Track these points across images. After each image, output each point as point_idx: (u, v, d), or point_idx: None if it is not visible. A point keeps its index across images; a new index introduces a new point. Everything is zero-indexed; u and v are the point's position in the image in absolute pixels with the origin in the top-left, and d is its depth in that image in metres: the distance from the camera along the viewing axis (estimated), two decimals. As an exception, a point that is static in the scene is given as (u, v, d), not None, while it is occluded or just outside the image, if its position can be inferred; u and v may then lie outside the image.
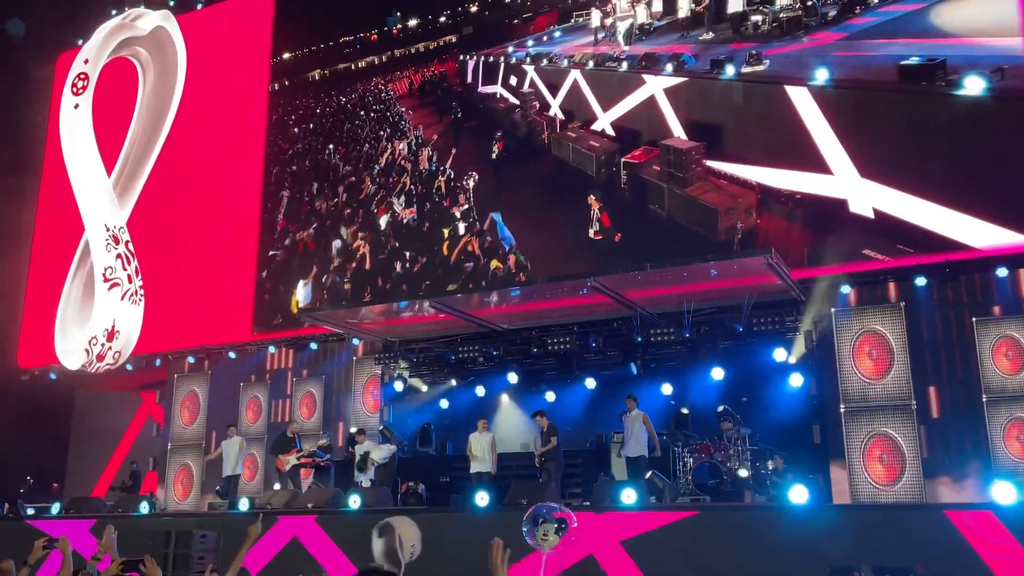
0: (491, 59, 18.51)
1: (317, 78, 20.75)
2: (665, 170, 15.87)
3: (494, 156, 17.90)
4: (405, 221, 18.36)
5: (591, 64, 17.13)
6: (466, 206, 17.82)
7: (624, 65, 16.82)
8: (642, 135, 16.35)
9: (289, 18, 20.96)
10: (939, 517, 8.94)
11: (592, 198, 16.17)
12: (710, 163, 15.39)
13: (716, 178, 15.32)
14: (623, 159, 16.34)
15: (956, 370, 12.80)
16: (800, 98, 14.70)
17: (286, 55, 20.94)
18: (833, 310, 13.77)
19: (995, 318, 12.69)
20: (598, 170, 16.57)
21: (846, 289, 13.70)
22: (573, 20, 17.75)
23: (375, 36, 20.19)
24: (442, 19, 19.38)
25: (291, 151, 20.29)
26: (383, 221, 18.61)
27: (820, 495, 12.33)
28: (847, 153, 13.99)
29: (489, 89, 18.28)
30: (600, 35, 17.28)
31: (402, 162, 19.05)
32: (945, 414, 12.74)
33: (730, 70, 15.52)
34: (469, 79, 18.69)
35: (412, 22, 19.79)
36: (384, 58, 20.03)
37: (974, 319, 12.80)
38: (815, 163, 14.27)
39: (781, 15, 15.80)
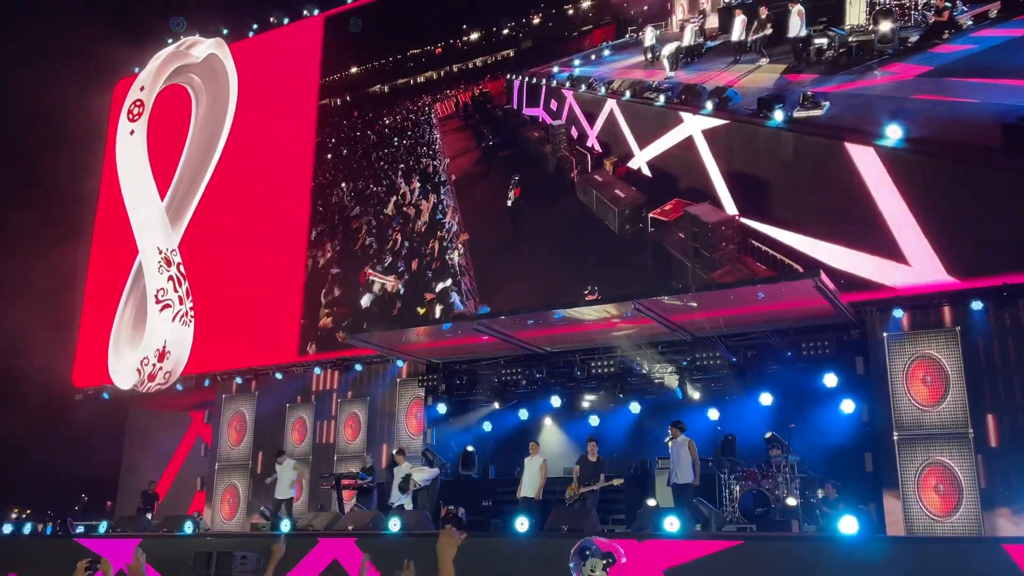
0: (534, 80, 17.73)
1: (378, 92, 20.42)
2: (690, 243, 14.14)
3: (509, 203, 16.74)
4: (388, 287, 17.70)
5: (628, 94, 15.77)
6: (449, 282, 16.72)
7: (661, 98, 15.39)
8: (679, 181, 14.71)
9: (361, 34, 20.91)
10: (996, 551, 8.57)
11: (588, 295, 14.56)
12: (752, 223, 13.36)
13: (753, 259, 13.49)
14: (650, 214, 14.62)
15: (1015, 397, 12.32)
16: (865, 160, 12.51)
17: (354, 69, 20.90)
18: (886, 335, 13.37)
19: (1056, 344, 12.21)
20: (621, 226, 15.04)
21: (899, 313, 13.31)
22: (628, 35, 16.61)
23: (440, 49, 19.75)
24: (505, 32, 18.61)
25: (313, 183, 20.34)
26: (365, 300, 18.09)
27: (872, 526, 11.94)
28: (928, 240, 12.02)
29: (533, 111, 17.73)
30: (651, 55, 16.17)
31: (407, 208, 18.30)
32: (1004, 443, 12.25)
33: (779, 115, 13.37)
34: (515, 101, 18.10)
35: (474, 35, 19.11)
36: (442, 72, 19.54)
37: (1034, 344, 12.33)
38: (885, 247, 12.41)
39: (850, 39, 13.37)
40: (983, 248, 12.01)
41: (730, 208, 14.49)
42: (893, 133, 12.34)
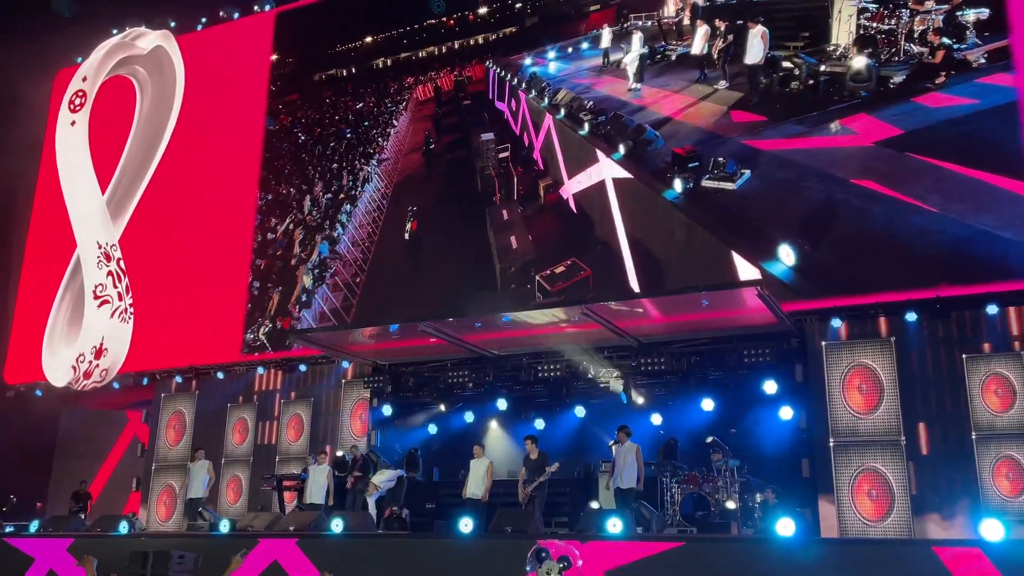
0: (502, 72, 16.17)
1: (381, 66, 18.76)
2: None
3: (407, 236, 15.38)
4: None
5: (563, 112, 14.26)
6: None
7: (586, 127, 13.79)
8: (594, 229, 13.23)
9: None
10: (927, 553, 8.85)
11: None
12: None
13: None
14: (539, 276, 13.24)
15: (946, 407, 12.73)
16: (748, 276, 11.62)
17: (368, 38, 19.50)
18: (823, 343, 13.71)
19: (985, 355, 12.65)
20: (504, 285, 13.56)
21: (836, 323, 13.66)
22: (619, 24, 14.98)
23: (451, 22, 17.69)
24: (519, 6, 16.60)
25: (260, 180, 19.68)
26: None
27: (808, 529, 12.23)
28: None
29: (501, 106, 16.55)
30: (608, 59, 14.56)
31: (295, 231, 16.88)
32: (935, 451, 12.66)
33: (678, 185, 11.21)
34: (490, 91, 16.63)
35: (482, 9, 17.08)
36: (444, 48, 17.74)
37: (964, 356, 12.74)
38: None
39: (821, 69, 10.90)
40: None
41: (633, 282, 13.71)
42: (786, 257, 10.18)
